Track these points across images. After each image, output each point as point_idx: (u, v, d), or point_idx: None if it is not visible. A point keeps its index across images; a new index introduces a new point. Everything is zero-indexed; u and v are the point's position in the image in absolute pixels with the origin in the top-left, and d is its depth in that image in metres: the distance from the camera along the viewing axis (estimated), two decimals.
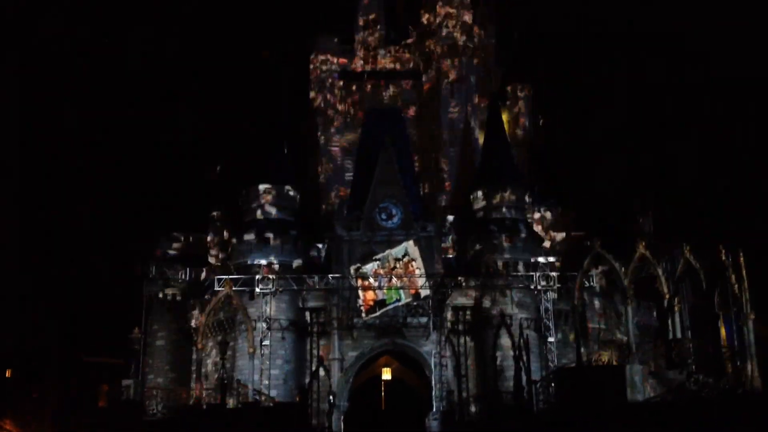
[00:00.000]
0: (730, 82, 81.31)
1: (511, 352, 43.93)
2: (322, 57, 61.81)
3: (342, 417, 45.41)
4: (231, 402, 42.35)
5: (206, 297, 47.50)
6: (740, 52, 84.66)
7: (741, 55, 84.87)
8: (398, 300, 44.77)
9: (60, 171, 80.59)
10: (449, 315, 46.16)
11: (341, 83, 61.36)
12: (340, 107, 60.82)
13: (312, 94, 61.78)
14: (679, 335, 39.38)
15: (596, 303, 49.11)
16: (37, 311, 64.55)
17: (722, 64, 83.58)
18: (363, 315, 44.93)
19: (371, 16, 63.89)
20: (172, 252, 52.86)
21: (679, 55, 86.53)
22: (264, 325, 44.13)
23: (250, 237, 47.53)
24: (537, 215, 54.96)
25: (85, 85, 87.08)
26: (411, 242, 45.38)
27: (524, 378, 41.20)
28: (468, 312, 46.62)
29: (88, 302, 63.73)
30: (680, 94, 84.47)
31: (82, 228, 71.51)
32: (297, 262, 47.50)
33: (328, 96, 60.80)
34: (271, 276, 44.74)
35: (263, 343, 43.79)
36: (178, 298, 50.96)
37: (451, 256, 49.70)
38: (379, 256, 45.20)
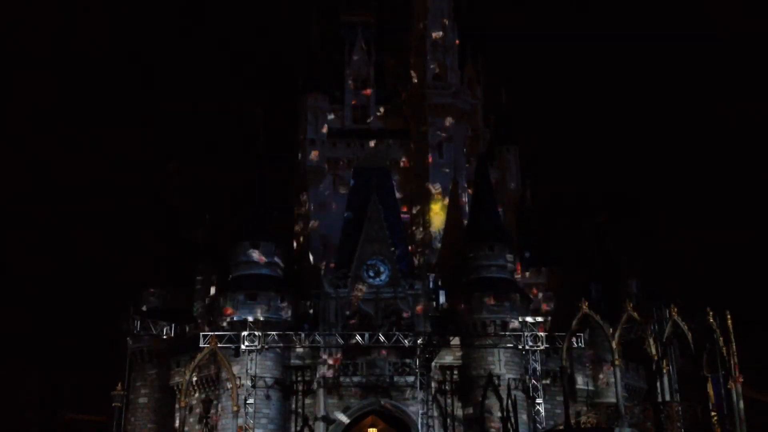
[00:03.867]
0: (719, 144, 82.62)
1: (499, 413, 43.51)
2: (311, 115, 62.12)
3: None
4: None
5: (190, 353, 46.88)
6: (724, 113, 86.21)
7: (725, 116, 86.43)
8: None
9: (43, 224, 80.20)
10: (436, 374, 45.84)
11: (330, 141, 61.57)
12: (329, 165, 60.94)
13: (301, 152, 61.93)
14: (667, 397, 39.18)
15: (584, 364, 48.89)
16: (17, 367, 63.49)
17: (710, 125, 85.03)
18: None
19: (361, 76, 64.51)
20: (156, 307, 52.28)
21: (663, 114, 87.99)
22: (249, 383, 43.59)
23: (236, 293, 47.16)
24: (525, 275, 55.02)
25: (74, 139, 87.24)
26: None
27: None
28: (455, 371, 46.40)
29: (70, 358, 62.86)
30: (667, 154, 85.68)
31: (65, 282, 70.85)
32: (283, 319, 47.03)
33: (317, 154, 60.94)
34: (257, 333, 44.27)
35: (248, 402, 43.20)
36: (162, 354, 50.30)
37: (438, 314, 49.36)
38: None
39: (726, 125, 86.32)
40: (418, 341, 44.67)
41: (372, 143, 61.99)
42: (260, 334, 44.09)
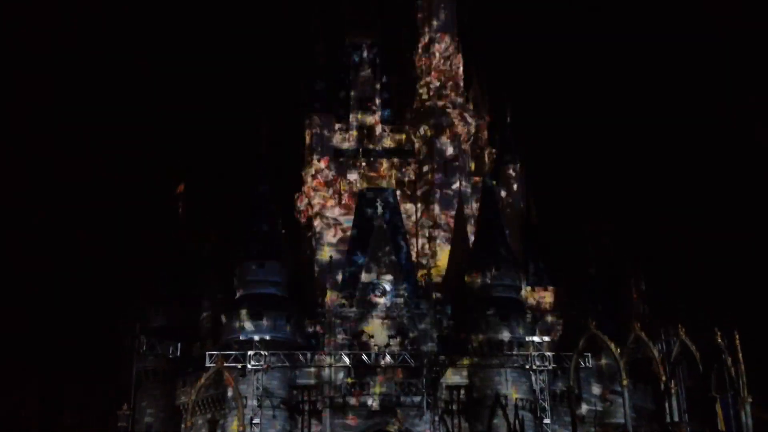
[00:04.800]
0: (725, 161, 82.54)
1: None
2: (317, 134, 62.31)
3: None
4: None
5: (196, 373, 46.82)
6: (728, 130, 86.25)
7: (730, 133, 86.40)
8: None
9: (48, 242, 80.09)
10: (443, 394, 45.65)
11: (336, 160, 61.70)
12: (334, 185, 61.01)
13: (307, 172, 62.05)
14: (676, 418, 38.99)
15: (592, 384, 48.65)
16: (19, 384, 63.30)
17: (712, 136, 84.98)
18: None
19: (366, 95, 64.68)
20: (161, 326, 52.10)
21: (671, 132, 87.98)
22: (255, 402, 43.52)
23: (242, 312, 47.08)
24: (531, 294, 54.90)
25: (78, 152, 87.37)
26: None
27: None
28: (462, 391, 46.18)
29: (75, 376, 62.63)
30: (674, 174, 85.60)
31: (70, 300, 70.68)
32: (290, 339, 46.91)
33: (323, 173, 61.05)
34: (263, 352, 44.26)
35: (254, 422, 43.16)
36: (168, 373, 50.14)
37: (445, 334, 49.17)
38: None
39: (726, 125, 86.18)
40: (425, 361, 44.71)
41: (377, 162, 62.09)
42: (266, 353, 44.13)
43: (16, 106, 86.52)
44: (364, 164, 62.03)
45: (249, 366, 43.83)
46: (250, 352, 43.93)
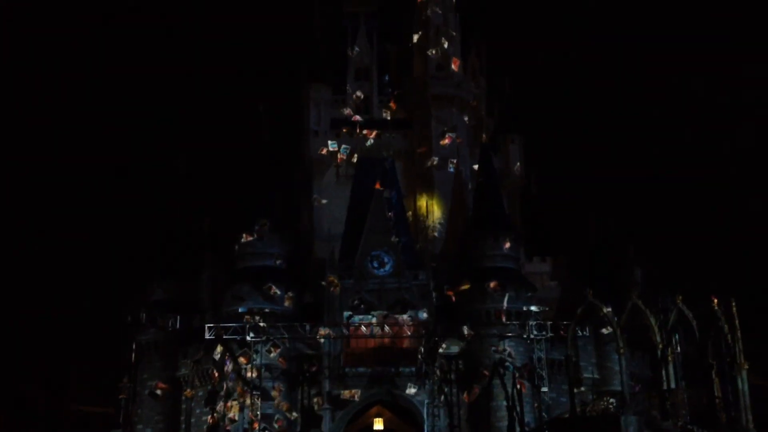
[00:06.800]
0: (721, 132, 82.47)
1: (504, 402, 43.55)
2: (314, 106, 62.15)
3: None
4: None
5: (197, 345, 47.14)
6: (727, 103, 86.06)
7: (728, 106, 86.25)
8: None
9: (49, 216, 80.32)
10: (441, 364, 45.86)
11: (334, 132, 61.54)
12: (332, 156, 60.85)
13: (304, 143, 61.96)
14: (673, 385, 39.11)
15: (590, 352, 48.87)
16: (24, 358, 63.75)
17: (714, 115, 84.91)
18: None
19: (364, 66, 64.44)
20: (162, 299, 52.31)
21: (669, 104, 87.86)
22: (254, 373, 43.80)
23: (241, 284, 47.29)
24: (529, 264, 55.02)
25: (79, 131, 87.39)
26: None
27: (518, 429, 40.91)
28: (460, 361, 46.39)
29: (77, 349, 63.02)
30: (670, 144, 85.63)
31: (71, 273, 71.00)
32: (288, 310, 47.12)
33: (321, 145, 60.91)
34: (262, 324, 44.51)
35: (254, 392, 43.42)
36: (169, 345, 50.41)
37: (443, 304, 49.28)
38: None
39: (726, 121, 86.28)
40: (423, 331, 44.89)
41: (375, 133, 61.84)
42: (266, 325, 44.39)
43: (16, 106, 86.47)
44: (361, 134, 61.78)
45: (248, 338, 44.16)
46: (249, 324, 44.17)
